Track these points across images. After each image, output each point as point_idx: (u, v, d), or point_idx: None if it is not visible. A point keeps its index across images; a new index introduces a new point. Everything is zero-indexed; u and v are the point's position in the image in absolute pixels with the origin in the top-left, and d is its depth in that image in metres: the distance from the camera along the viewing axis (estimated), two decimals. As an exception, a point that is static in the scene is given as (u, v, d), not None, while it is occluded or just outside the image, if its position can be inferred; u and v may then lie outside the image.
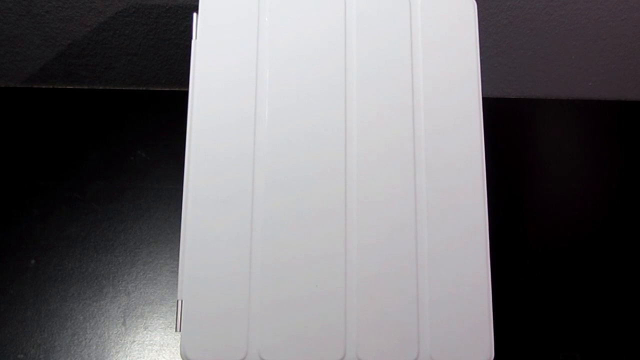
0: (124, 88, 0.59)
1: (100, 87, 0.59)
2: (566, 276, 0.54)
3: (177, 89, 0.59)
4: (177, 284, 0.36)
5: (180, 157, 0.37)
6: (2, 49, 0.54)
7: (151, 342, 0.49)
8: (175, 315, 0.36)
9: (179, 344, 0.35)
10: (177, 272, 0.36)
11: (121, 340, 0.49)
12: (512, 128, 0.60)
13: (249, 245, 0.36)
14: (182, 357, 0.35)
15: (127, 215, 0.53)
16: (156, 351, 0.48)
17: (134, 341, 0.49)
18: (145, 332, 0.49)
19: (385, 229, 0.37)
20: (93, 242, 0.52)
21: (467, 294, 0.37)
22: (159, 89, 0.60)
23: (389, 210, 0.38)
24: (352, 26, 0.40)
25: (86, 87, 0.59)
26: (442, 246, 0.38)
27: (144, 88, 0.60)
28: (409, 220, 0.38)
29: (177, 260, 0.36)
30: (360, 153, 0.38)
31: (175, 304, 0.36)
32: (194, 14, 0.39)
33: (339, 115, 0.38)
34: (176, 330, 0.36)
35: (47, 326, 0.49)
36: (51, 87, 0.58)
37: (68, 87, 0.58)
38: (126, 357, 0.48)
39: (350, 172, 0.38)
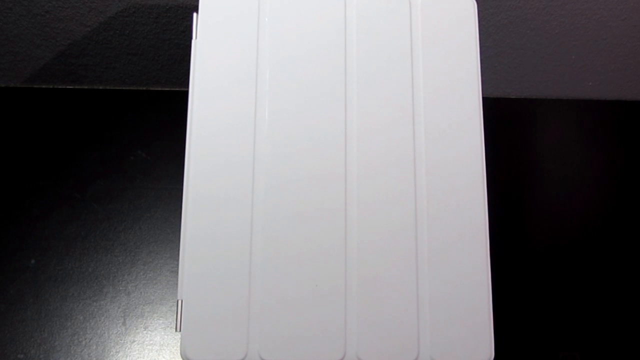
0: (124, 88, 0.59)
1: (100, 87, 0.59)
2: (566, 276, 0.54)
3: (177, 89, 0.59)
4: (177, 284, 0.36)
5: (180, 157, 0.37)
6: (2, 49, 0.54)
7: (151, 342, 0.49)
8: (175, 315, 0.36)
9: (179, 344, 0.35)
10: (177, 272, 0.36)
11: (121, 340, 0.49)
12: (512, 128, 0.60)
13: (249, 245, 0.36)
14: (182, 357, 0.35)
15: (127, 215, 0.53)
16: (156, 351, 0.48)
17: (134, 341, 0.49)
18: (145, 332, 0.49)
19: (385, 229, 0.37)
20: (93, 242, 0.52)
21: (467, 294, 0.37)
22: (159, 89, 0.60)
23: (389, 210, 0.38)
24: (352, 26, 0.40)
25: (86, 87, 0.59)
26: (442, 246, 0.38)
27: (144, 88, 0.60)
28: (409, 220, 0.38)
29: (177, 260, 0.36)
30: (360, 153, 0.38)
31: (175, 304, 0.36)
32: (194, 14, 0.39)
33: (339, 115, 0.38)
34: (176, 330, 0.36)
35: (47, 326, 0.49)
36: (51, 87, 0.58)
37: (68, 87, 0.58)
38: (126, 357, 0.48)
39: (350, 171, 0.38)
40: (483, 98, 0.40)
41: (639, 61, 0.59)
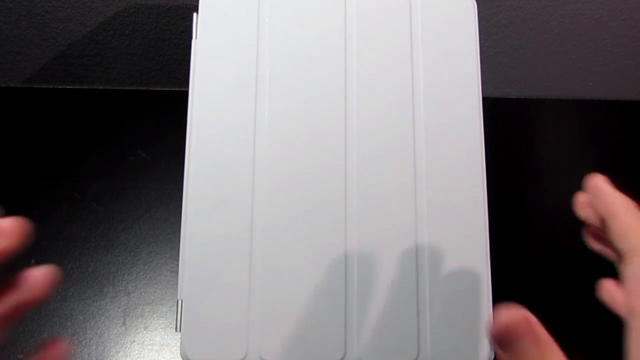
0: (124, 88, 0.59)
1: (100, 87, 0.59)
2: (566, 276, 0.54)
3: (177, 89, 0.59)
4: (177, 284, 0.36)
5: (180, 157, 0.37)
6: (2, 49, 0.54)
7: (151, 342, 0.49)
8: (175, 315, 0.36)
9: (179, 344, 0.35)
10: (177, 272, 0.36)
11: (121, 340, 0.48)
12: (512, 128, 0.60)
13: (249, 245, 0.36)
14: (182, 357, 0.35)
15: (127, 215, 0.53)
16: (156, 351, 0.48)
17: (134, 341, 0.49)
18: (145, 332, 0.49)
19: (386, 229, 0.37)
20: (93, 242, 0.52)
21: (467, 294, 0.37)
22: (159, 89, 0.60)
23: (389, 210, 0.38)
24: (352, 26, 0.40)
25: (86, 87, 0.59)
26: (442, 246, 0.38)
27: (144, 88, 0.60)
28: (409, 220, 0.38)
29: (177, 260, 0.36)
30: (361, 152, 0.38)
31: (175, 304, 0.36)
32: (194, 14, 0.39)
33: (339, 115, 0.38)
34: (176, 330, 0.35)
35: (47, 326, 0.49)
36: (51, 87, 0.58)
37: (68, 87, 0.58)
38: (126, 357, 0.48)
39: (350, 171, 0.38)
40: (483, 98, 0.40)
41: (639, 61, 0.59)
